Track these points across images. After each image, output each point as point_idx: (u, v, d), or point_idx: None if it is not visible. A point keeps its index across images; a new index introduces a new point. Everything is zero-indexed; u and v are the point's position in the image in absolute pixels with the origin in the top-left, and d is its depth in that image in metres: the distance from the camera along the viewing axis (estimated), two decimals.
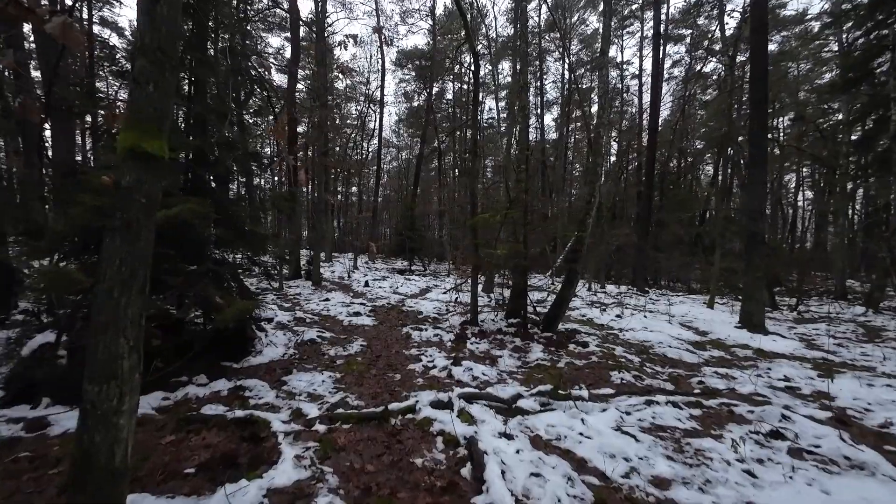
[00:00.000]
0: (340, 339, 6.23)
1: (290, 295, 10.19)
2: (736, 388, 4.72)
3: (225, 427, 3.09)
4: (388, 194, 37.79)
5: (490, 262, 6.55)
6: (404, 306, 9.55)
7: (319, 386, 4.07)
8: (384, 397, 3.87)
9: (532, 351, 5.98)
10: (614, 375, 4.96)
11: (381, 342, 6.19)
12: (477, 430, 3.06)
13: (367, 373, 4.67)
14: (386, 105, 31.22)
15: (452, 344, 6.21)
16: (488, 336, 6.73)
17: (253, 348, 5.02)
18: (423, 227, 27.75)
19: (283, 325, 6.73)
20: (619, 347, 6.40)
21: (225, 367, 4.52)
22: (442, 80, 31.41)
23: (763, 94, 7.86)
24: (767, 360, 6.24)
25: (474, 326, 7.17)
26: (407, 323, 7.67)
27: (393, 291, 12.11)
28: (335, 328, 6.96)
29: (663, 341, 6.88)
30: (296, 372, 4.48)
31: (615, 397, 3.92)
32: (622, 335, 7.38)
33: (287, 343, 5.62)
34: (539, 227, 7.72)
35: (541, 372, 5.05)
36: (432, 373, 4.76)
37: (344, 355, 5.35)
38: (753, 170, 7.87)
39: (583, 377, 4.90)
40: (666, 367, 5.61)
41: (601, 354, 5.92)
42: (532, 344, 6.29)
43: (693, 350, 6.59)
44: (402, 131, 37.10)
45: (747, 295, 7.99)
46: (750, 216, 7.84)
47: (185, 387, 3.79)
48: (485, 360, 5.57)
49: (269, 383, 4.09)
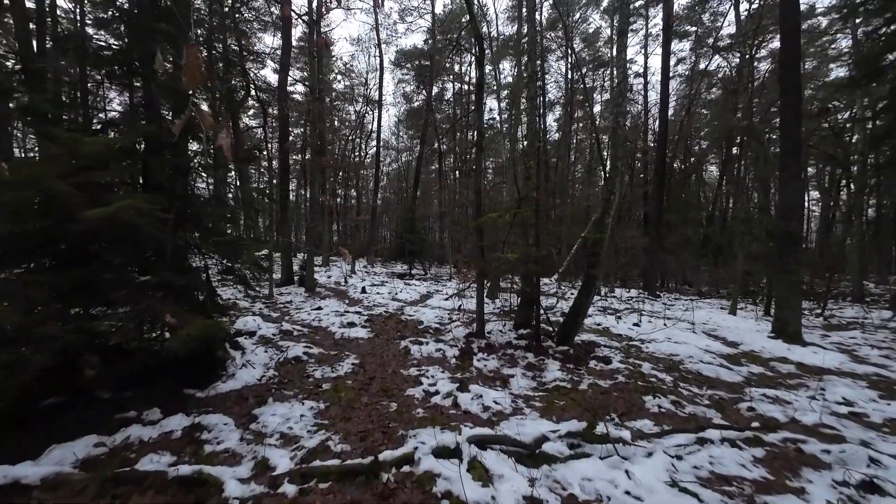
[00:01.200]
0: (330, 355, 5.49)
1: (279, 303, 9.46)
2: (795, 416, 3.98)
3: (165, 489, 2.35)
4: (387, 197, 37.12)
5: (498, 267, 5.82)
6: (403, 315, 8.81)
7: (297, 423, 3.33)
8: (375, 438, 3.13)
9: (548, 369, 5.24)
10: (649, 402, 4.21)
11: (377, 359, 5.45)
12: (495, 495, 2.32)
13: (358, 401, 3.93)
14: (385, 105, 30.65)
15: (457, 361, 5.47)
16: (497, 350, 5.99)
17: (224, 371, 4.29)
18: (424, 230, 27.02)
19: (266, 339, 6.00)
20: (645, 363, 5.65)
21: (187, 396, 3.78)
22: (442, 81, 30.85)
23: (796, 78, 7.14)
24: (814, 376, 5.49)
25: (481, 339, 6.43)
26: (406, 335, 6.93)
27: (392, 298, 11.37)
28: (325, 342, 6.22)
29: (693, 355, 6.14)
30: (271, 402, 3.75)
31: (661, 436, 3.17)
32: (645, 348, 6.63)
33: (267, 363, 4.88)
34: (555, 229, 6.99)
35: (561, 397, 4.31)
36: (435, 400, 4.02)
37: (332, 377, 4.61)
38: (787, 162, 7.13)
39: (612, 403, 4.16)
40: (704, 387, 4.87)
41: (627, 373, 5.18)
42: (547, 360, 5.55)
43: (728, 365, 5.84)
44: (402, 132, 36.50)
45: (782, 301, 7.24)
46: (783, 214, 7.11)
47: (129, 426, 3.06)
48: (495, 380, 4.83)
49: (236, 419, 3.36)
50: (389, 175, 37.84)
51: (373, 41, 23.58)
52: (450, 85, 31.96)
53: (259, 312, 8.26)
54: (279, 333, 6.35)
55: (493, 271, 6.20)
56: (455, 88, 31.34)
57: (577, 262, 11.16)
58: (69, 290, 2.96)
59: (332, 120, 20.55)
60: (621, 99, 6.34)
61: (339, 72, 28.12)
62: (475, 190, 6.51)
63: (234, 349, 4.74)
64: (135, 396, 3.59)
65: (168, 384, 3.83)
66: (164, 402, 3.53)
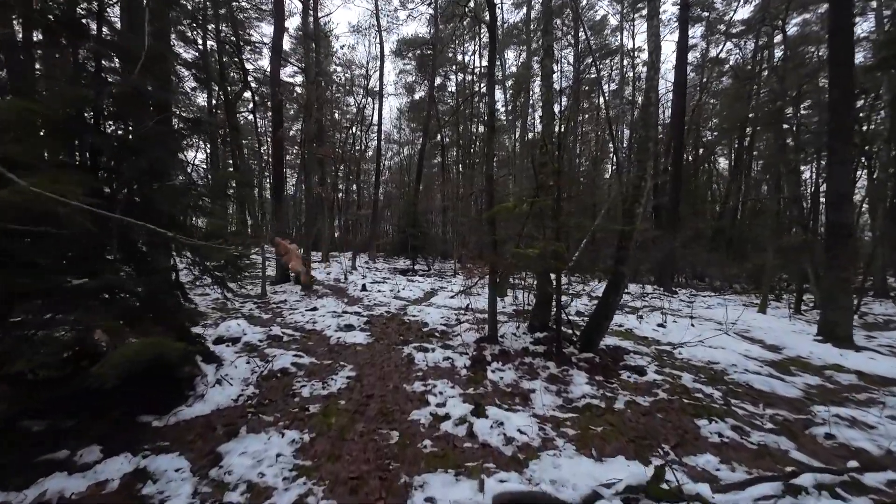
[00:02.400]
0: (323, 366, 4.78)
1: (272, 303, 8.77)
2: (891, 447, 3.24)
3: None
4: (389, 191, 36.36)
5: (514, 263, 5.08)
6: (406, 315, 8.10)
7: (271, 465, 2.61)
8: (370, 488, 2.41)
9: (574, 382, 4.51)
10: (704, 427, 3.48)
11: (376, 371, 4.73)
12: None
13: (351, 429, 3.22)
14: (386, 97, 29.76)
15: (468, 372, 4.75)
16: (513, 359, 5.26)
17: (192, 391, 3.58)
18: (427, 224, 26.27)
19: (251, 346, 5.29)
20: (684, 374, 4.91)
21: (141, 425, 3.08)
22: (444, 72, 29.96)
23: (847, 49, 6.31)
24: (883, 389, 4.75)
25: (493, 344, 5.71)
26: (409, 339, 6.22)
27: (394, 296, 10.66)
28: (318, 349, 5.51)
29: (736, 363, 5.39)
30: (244, 433, 3.04)
31: (743, 487, 2.43)
32: (678, 354, 5.89)
33: (248, 377, 4.17)
34: (577, 221, 6.25)
35: (596, 419, 3.58)
36: (445, 427, 3.30)
37: (322, 395, 3.90)
38: (835, 145, 6.33)
39: (658, 429, 3.43)
40: (760, 405, 4.13)
41: (668, 387, 4.44)
42: (571, 371, 4.82)
43: (779, 375, 5.10)
44: (404, 125, 35.67)
45: (829, 300, 6.47)
46: (833, 202, 6.33)
47: (50, 475, 2.35)
48: (514, 397, 4.12)
49: (195, 460, 2.65)
50: (391, 169, 37.06)
51: (373, 27, 22.60)
52: (453, 76, 31.09)
53: (249, 314, 7.57)
54: (267, 339, 5.64)
55: (508, 268, 5.47)
56: (458, 79, 30.42)
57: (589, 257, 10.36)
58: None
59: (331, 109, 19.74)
60: (654, 72, 5.55)
61: (338, 63, 27.26)
62: (486, 177, 5.76)
63: (209, 362, 4.03)
64: (75, 428, 2.90)
65: (124, 409, 3.14)
66: (109, 435, 2.83)
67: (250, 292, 9.78)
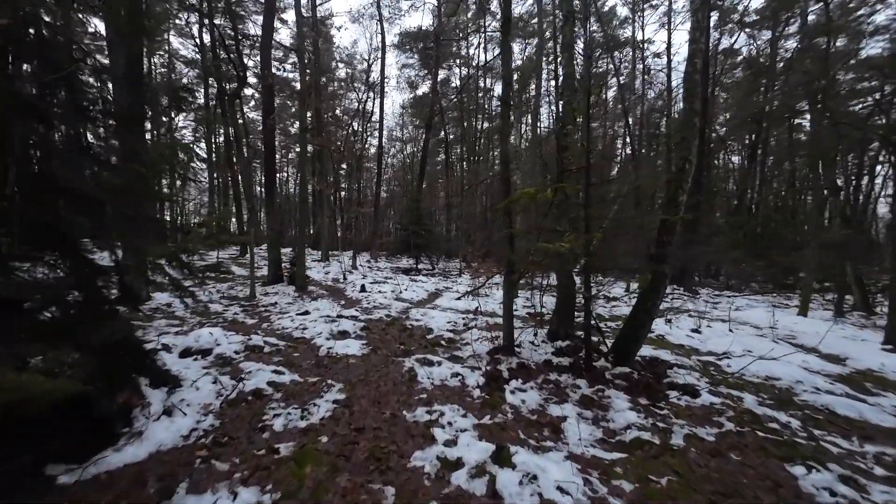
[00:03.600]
0: (306, 386, 3.96)
1: (261, 306, 7.95)
2: None
3: None
4: (392, 189, 35.60)
5: (538, 261, 4.22)
6: (408, 319, 7.27)
7: None
8: None
9: (614, 406, 3.66)
10: (801, 478, 2.62)
11: (371, 391, 3.90)
12: None
13: (332, 484, 2.39)
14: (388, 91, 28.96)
15: (483, 393, 3.91)
16: (534, 374, 4.41)
17: (129, 427, 2.76)
18: (431, 222, 25.42)
19: (224, 360, 4.48)
20: (744, 394, 4.05)
21: (44, 481, 2.26)
22: (448, 66, 29.13)
23: None
24: None
25: (510, 356, 4.86)
26: (411, 349, 5.39)
27: (395, 297, 9.83)
28: (304, 362, 4.69)
29: (802, 379, 4.51)
30: (181, 493, 2.21)
31: None
32: (727, 367, 5.02)
33: (210, 403, 3.35)
34: (621, 211, 5.43)
35: (655, 465, 2.73)
36: (457, 480, 2.46)
37: (300, 429, 3.07)
38: None
39: (740, 481, 2.58)
40: (854, 439, 3.26)
41: (731, 413, 3.58)
42: (607, 390, 3.97)
43: (857, 394, 4.22)
44: (406, 122, 34.91)
45: None
46: None
47: None
48: (541, 427, 3.28)
49: None
50: (394, 167, 36.28)
51: (374, 17, 21.76)
52: (456, 69, 30.26)
53: (232, 318, 6.76)
54: (244, 351, 4.82)
55: (532, 266, 4.61)
56: (461, 74, 29.58)
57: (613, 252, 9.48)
58: None
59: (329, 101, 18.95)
60: (699, 33, 4.67)
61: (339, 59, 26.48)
62: (502, 160, 4.89)
63: (157, 385, 3.20)
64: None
65: (31, 456, 2.33)
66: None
67: (238, 294, 8.99)
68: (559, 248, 3.45)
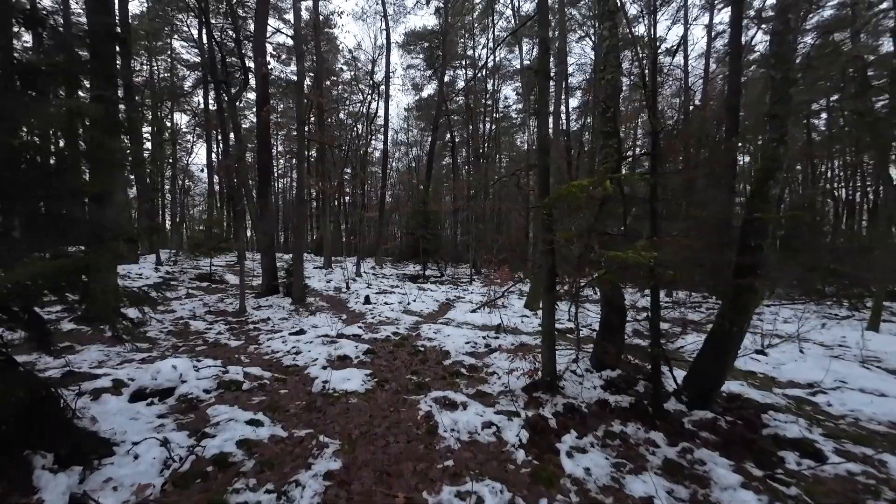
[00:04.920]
0: (291, 446, 2.95)
1: (250, 322, 6.98)
2: None
3: None
4: (397, 193, 34.72)
5: (598, 276, 3.20)
6: (420, 338, 6.26)
7: None
8: None
9: (715, 479, 2.62)
10: None
11: (377, 453, 2.88)
12: None
13: None
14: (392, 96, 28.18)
15: (529, 456, 2.87)
16: (591, 424, 3.37)
17: None
18: (438, 226, 24.46)
19: (188, 402, 3.49)
20: (886, 456, 2.99)
21: None
22: (453, 68, 28.31)
23: None
24: None
25: (553, 395, 3.82)
26: (426, 380, 4.38)
27: (403, 310, 8.83)
28: (293, 404, 3.69)
29: None
30: None
31: None
32: (828, 406, 3.96)
33: (146, 485, 2.35)
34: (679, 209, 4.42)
35: None
36: None
37: None
38: None
39: None
40: None
41: (875, 486, 2.53)
42: (696, 450, 2.92)
43: None
44: (412, 125, 34.10)
45: None
46: None
47: None
48: None
49: None
50: (399, 170, 35.45)
51: (378, 13, 20.98)
52: (461, 71, 29.42)
53: (214, 340, 5.79)
54: (217, 389, 3.82)
55: (592, 281, 3.58)
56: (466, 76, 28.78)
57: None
58: None
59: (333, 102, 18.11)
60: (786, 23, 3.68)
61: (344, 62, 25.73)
62: (539, 145, 3.90)
63: (67, 462, 2.21)
64: None
65: None
66: None
67: (228, 307, 8.02)
68: (641, 259, 2.43)
